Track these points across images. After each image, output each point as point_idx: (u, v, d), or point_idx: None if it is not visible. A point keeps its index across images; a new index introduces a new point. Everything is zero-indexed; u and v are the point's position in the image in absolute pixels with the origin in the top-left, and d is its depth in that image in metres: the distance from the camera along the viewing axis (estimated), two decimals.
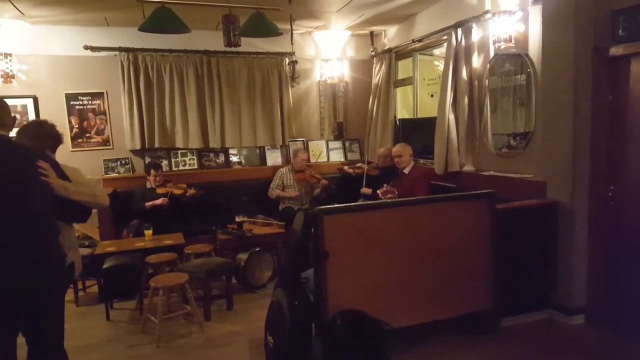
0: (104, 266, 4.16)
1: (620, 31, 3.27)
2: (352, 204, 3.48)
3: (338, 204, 3.32)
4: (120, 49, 5.53)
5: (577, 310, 3.61)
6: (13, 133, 2.46)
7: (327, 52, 6.41)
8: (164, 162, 5.87)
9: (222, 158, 6.20)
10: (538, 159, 3.90)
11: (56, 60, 5.50)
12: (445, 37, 4.87)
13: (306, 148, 6.48)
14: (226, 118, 6.04)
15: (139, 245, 4.42)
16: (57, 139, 2.73)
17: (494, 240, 3.45)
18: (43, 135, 2.65)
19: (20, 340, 2.23)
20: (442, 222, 3.33)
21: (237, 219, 4.98)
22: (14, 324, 2.19)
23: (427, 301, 3.30)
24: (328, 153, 6.62)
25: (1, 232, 2.09)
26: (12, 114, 2.37)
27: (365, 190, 5.40)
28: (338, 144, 6.71)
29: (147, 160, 5.81)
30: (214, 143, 6.02)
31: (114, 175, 5.76)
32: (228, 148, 6.18)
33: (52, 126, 2.73)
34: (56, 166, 2.39)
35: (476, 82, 4.58)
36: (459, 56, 4.64)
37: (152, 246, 4.39)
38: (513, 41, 4.00)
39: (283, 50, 6.07)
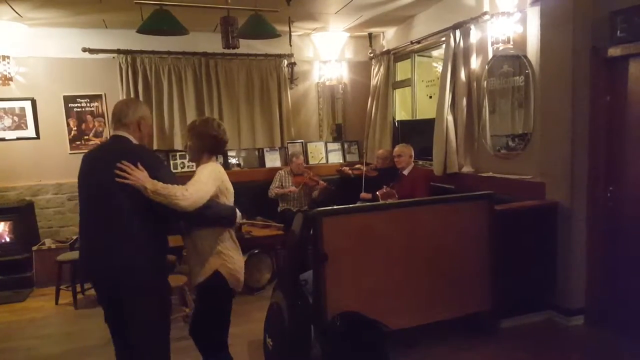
0: None
1: (618, 32, 3.27)
2: (351, 205, 3.47)
3: (337, 205, 3.32)
4: (119, 51, 5.51)
5: (576, 311, 3.61)
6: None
7: (325, 54, 6.40)
8: None
9: (220, 160, 6.17)
10: (537, 160, 3.90)
11: (54, 63, 5.48)
12: (444, 39, 4.87)
13: (305, 150, 6.47)
14: (225, 120, 6.00)
15: None
16: (218, 142, 2.55)
17: (493, 242, 3.45)
18: (204, 133, 2.51)
19: None
20: (441, 223, 3.33)
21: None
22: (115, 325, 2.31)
23: (426, 303, 3.29)
24: (327, 155, 6.61)
25: (83, 234, 2.15)
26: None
27: (365, 195, 5.40)
28: (337, 145, 6.70)
29: None
30: None
31: None
32: (227, 150, 6.16)
33: (218, 129, 2.54)
34: (155, 165, 2.24)
35: (475, 84, 4.58)
36: (458, 57, 4.64)
37: None
38: (511, 42, 4.00)
39: (281, 52, 6.06)
